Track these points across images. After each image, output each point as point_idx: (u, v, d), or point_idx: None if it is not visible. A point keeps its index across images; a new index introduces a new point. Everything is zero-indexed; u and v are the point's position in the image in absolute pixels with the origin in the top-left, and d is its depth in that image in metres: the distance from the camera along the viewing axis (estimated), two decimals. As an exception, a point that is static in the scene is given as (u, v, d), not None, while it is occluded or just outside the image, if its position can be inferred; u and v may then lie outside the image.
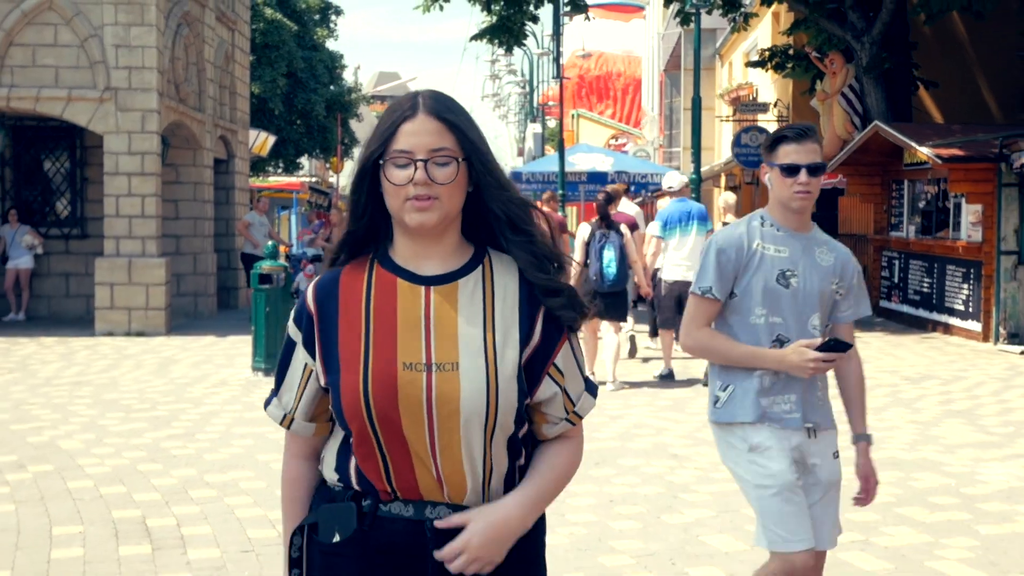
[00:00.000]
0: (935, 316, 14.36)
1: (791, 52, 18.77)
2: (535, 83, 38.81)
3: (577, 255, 9.77)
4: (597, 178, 23.73)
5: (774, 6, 18.40)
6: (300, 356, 2.05)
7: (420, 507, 1.99)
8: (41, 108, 14.76)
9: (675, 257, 10.39)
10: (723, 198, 13.45)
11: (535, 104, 38.58)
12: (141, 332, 14.61)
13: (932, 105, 19.24)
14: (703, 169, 25.85)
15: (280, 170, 36.78)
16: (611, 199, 10.30)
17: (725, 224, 13.16)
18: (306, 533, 2.06)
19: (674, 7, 18.46)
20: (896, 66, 16.21)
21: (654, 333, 12.05)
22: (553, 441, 2.10)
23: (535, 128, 39.83)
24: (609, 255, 9.71)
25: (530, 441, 2.11)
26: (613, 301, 9.83)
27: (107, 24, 14.56)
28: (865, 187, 16.03)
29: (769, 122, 21.75)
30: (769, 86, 23.08)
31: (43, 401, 9.48)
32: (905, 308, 15.29)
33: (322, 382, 2.02)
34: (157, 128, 14.82)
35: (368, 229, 2.04)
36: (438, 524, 1.98)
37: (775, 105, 21.60)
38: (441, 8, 18.36)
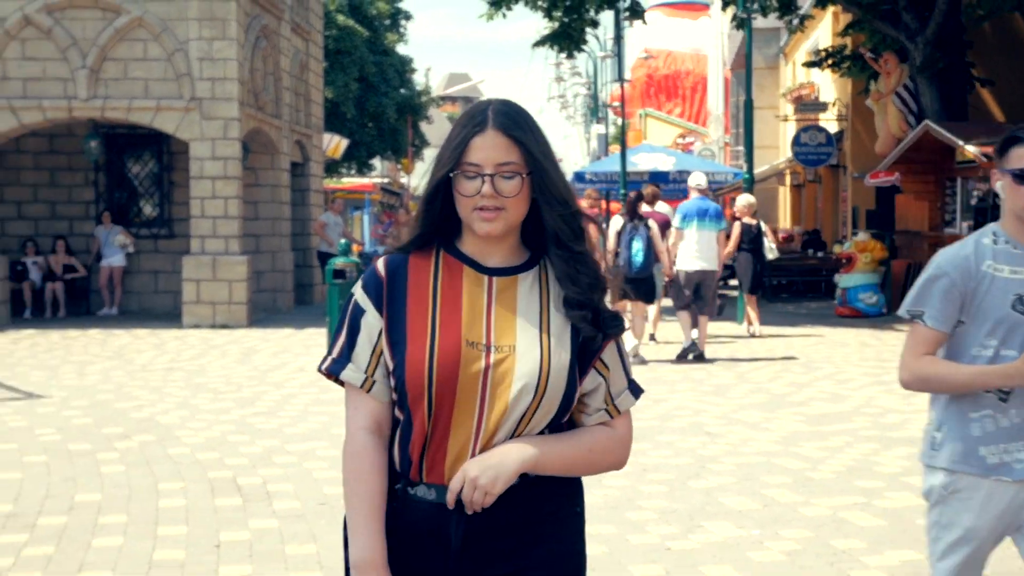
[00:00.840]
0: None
1: (846, 52, 19.21)
2: (599, 85, 39.42)
3: (610, 244, 11.15)
4: (659, 177, 24.34)
5: (830, 7, 18.86)
6: (372, 321, 2.14)
7: (442, 491, 2.09)
8: (132, 117, 15.87)
9: (690, 248, 11.58)
10: (742, 199, 14.22)
11: (599, 105, 39.21)
12: (225, 325, 15.63)
13: (992, 103, 19.51)
14: (765, 168, 26.37)
15: (352, 171, 37.92)
16: (641, 198, 11.65)
17: (738, 221, 13.90)
18: None
19: (731, 10, 18.96)
20: (950, 65, 16.58)
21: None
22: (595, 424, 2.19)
23: (599, 129, 40.47)
24: (637, 245, 11.06)
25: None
26: (641, 285, 11.21)
27: (192, 39, 15.61)
28: (919, 185, 16.49)
29: (829, 121, 22.17)
30: (830, 85, 23.48)
31: (141, 384, 10.46)
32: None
33: (388, 352, 2.12)
34: (238, 135, 15.84)
35: (438, 229, 2.17)
36: (449, 497, 2.07)
37: (833, 104, 22.03)
38: (504, 16, 19.14)
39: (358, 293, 2.16)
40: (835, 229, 23.92)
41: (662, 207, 13.33)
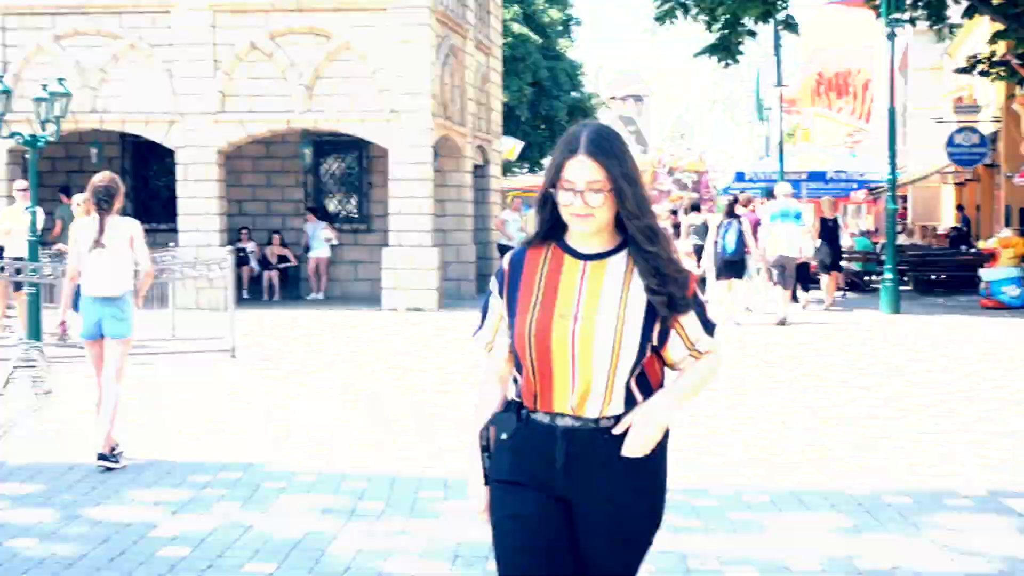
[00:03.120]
0: None
1: (996, 59, 20.13)
2: (761, 88, 40.51)
3: (711, 235, 15.47)
4: (817, 176, 25.58)
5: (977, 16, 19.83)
6: (496, 302, 2.86)
7: (552, 417, 2.76)
8: (341, 128, 18.34)
9: (776, 239, 15.39)
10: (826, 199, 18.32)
11: (761, 108, 40.31)
12: (418, 308, 17.88)
13: None
14: (922, 167, 27.18)
15: (525, 170, 40.08)
16: (736, 201, 16.17)
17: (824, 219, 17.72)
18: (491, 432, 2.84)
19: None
20: (1091, 70, 17.45)
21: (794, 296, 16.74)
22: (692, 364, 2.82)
23: (762, 130, 41.56)
24: (730, 236, 14.89)
25: (643, 380, 2.78)
26: (732, 265, 15.02)
27: (391, 59, 17.93)
28: (1062, 184, 17.41)
29: (983, 122, 23.00)
30: (987, 88, 24.24)
31: (357, 352, 12.71)
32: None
33: (506, 319, 2.83)
34: (431, 142, 18.09)
35: (551, 226, 2.81)
36: (615, 431, 2.73)
37: (986, 107, 22.86)
38: (669, 28, 20.82)
39: (492, 282, 2.93)
40: (990, 226, 24.65)
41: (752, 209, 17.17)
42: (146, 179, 21.34)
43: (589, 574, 2.78)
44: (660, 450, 2.78)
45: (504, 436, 2.80)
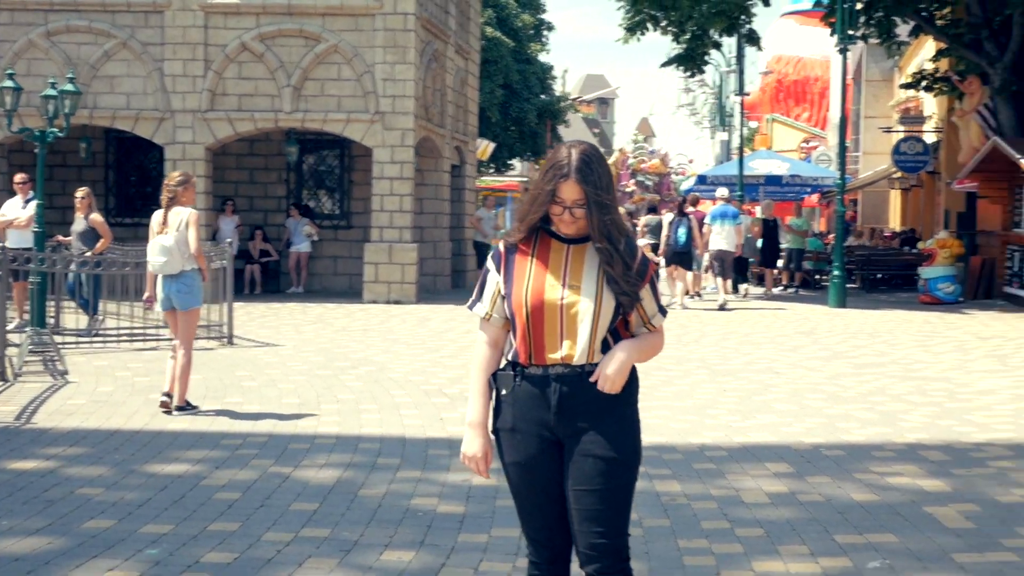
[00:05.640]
0: (1045, 299, 17.15)
1: (939, 75, 21.53)
2: (724, 95, 41.93)
3: (664, 231, 17.99)
4: (774, 180, 26.85)
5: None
6: (493, 278, 3.36)
7: (545, 368, 3.26)
8: (327, 128, 19.32)
9: (717, 237, 18.50)
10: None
11: (724, 115, 41.74)
12: (398, 301, 18.88)
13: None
14: (870, 172, 28.57)
15: (492, 170, 41.11)
16: (685, 202, 19.52)
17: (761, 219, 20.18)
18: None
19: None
20: (1025, 88, 18.84)
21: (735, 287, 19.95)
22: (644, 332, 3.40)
23: (723, 136, 43.02)
24: (681, 231, 17.73)
25: (616, 334, 3.31)
26: (681, 256, 17.77)
27: (377, 63, 18.94)
28: (994, 191, 18.85)
29: (927, 132, 24.41)
30: (932, 100, 25.66)
31: (347, 338, 13.73)
32: (1023, 293, 18.02)
33: (503, 292, 3.31)
34: (413, 143, 19.11)
35: (540, 221, 3.33)
36: (592, 379, 3.23)
37: (930, 119, 24.29)
38: (639, 40, 21.98)
39: (489, 261, 3.41)
40: (931, 229, 26.10)
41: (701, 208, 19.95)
42: (131, 175, 22.09)
43: (586, 510, 3.23)
44: (632, 395, 3.31)
45: (504, 392, 3.30)
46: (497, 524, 5.65)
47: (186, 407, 8.66)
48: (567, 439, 3.26)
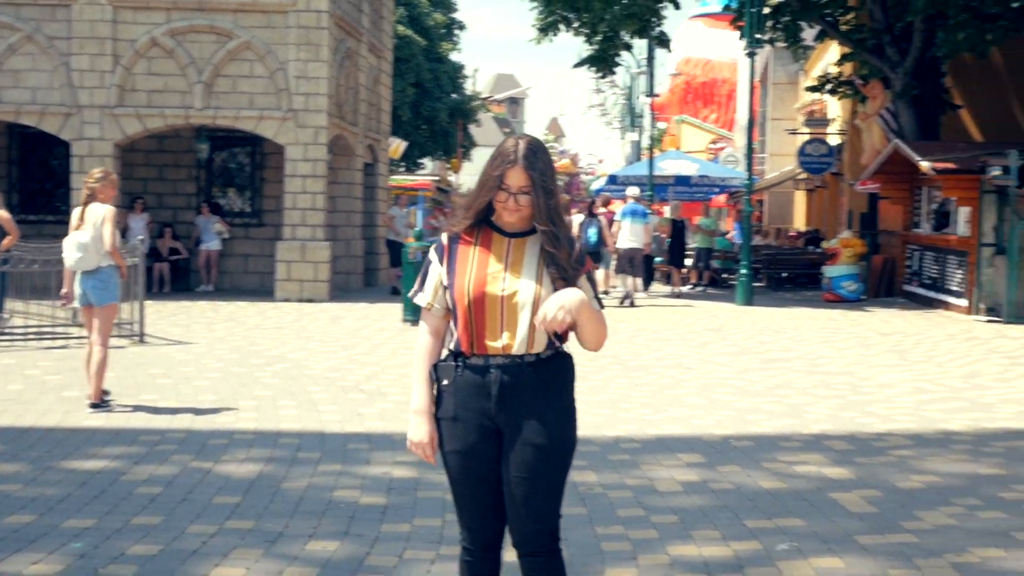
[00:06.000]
0: (940, 296, 17.84)
1: (843, 78, 22.18)
2: (634, 96, 42.56)
3: (575, 231, 17.69)
4: (683, 181, 27.35)
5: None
6: (435, 269, 3.43)
7: (485, 359, 3.33)
8: (239, 125, 19.15)
9: (625, 235, 19.02)
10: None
11: (634, 116, 42.34)
12: (310, 299, 18.82)
13: (971, 124, 22.32)
14: (776, 173, 29.26)
15: (403, 168, 41.11)
16: (595, 203, 20.48)
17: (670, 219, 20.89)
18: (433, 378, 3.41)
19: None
20: (925, 92, 19.52)
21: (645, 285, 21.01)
22: None
23: (633, 136, 43.63)
24: (591, 230, 18.76)
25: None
26: (593, 256, 17.91)
27: (290, 60, 18.84)
28: (895, 192, 19.49)
29: (831, 134, 25.11)
30: (836, 103, 26.40)
31: (261, 336, 13.68)
32: (921, 290, 18.75)
33: (445, 283, 3.39)
34: (326, 141, 19.06)
35: (484, 213, 3.41)
36: (535, 320, 3.23)
37: (834, 121, 24.99)
38: (551, 40, 22.23)
39: (431, 253, 3.49)
40: (834, 228, 26.87)
41: (610, 208, 21.41)
42: (35, 171, 21.63)
43: (524, 496, 3.31)
44: (568, 384, 3.39)
45: (445, 382, 3.37)
46: (419, 514, 5.76)
47: (101, 404, 8.59)
48: (506, 427, 3.33)
